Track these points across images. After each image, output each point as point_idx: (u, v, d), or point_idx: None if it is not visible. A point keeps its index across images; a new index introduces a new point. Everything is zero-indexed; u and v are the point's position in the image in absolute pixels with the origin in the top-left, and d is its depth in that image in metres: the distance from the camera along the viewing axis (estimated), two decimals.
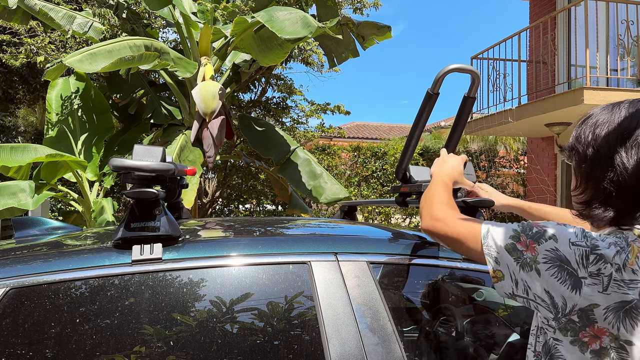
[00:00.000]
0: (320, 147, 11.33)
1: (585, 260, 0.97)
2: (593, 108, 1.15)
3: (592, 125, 1.09)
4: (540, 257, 1.00)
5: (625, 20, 6.67)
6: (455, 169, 1.47)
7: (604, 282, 0.96)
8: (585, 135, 1.09)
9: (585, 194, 1.09)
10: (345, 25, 5.59)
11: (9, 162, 4.39)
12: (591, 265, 0.96)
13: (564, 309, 0.99)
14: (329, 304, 1.31)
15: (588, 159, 1.08)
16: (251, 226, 1.75)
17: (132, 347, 1.23)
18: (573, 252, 0.98)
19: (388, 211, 11.39)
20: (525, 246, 1.02)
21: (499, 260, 1.06)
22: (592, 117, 1.11)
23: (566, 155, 1.16)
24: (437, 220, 1.22)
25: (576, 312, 0.98)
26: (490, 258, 1.07)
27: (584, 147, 1.09)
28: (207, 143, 4.88)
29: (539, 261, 1.00)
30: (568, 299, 0.98)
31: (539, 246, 1.01)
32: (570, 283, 0.97)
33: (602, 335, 0.97)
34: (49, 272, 1.25)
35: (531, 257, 1.01)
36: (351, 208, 2.24)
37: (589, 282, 0.96)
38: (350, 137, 16.62)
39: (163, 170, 1.35)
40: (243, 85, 7.18)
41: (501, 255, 1.05)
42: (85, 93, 5.51)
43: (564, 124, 7.37)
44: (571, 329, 0.99)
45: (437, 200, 1.29)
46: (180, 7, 5.12)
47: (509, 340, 1.66)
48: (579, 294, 0.97)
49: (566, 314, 0.99)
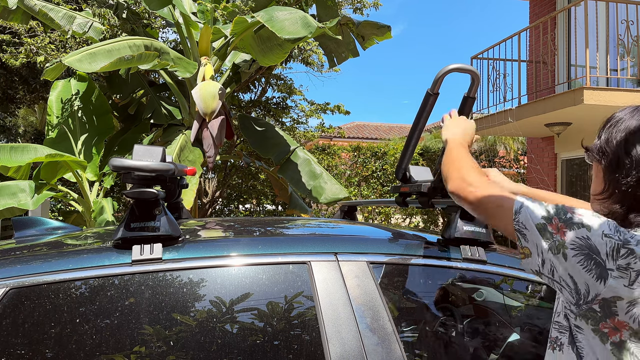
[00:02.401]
0: (320, 147, 11.32)
1: (615, 253, 0.97)
2: (619, 111, 1.13)
3: (624, 130, 1.08)
4: (569, 242, 1.01)
5: (625, 20, 6.67)
6: (469, 133, 1.44)
7: (631, 276, 0.96)
8: (618, 140, 1.08)
9: (613, 199, 1.08)
10: (345, 25, 5.59)
11: (9, 162, 4.39)
12: (621, 259, 0.97)
13: (586, 297, 1.00)
14: (329, 304, 1.31)
15: (621, 165, 1.06)
16: (251, 226, 1.75)
17: (132, 347, 1.23)
18: (605, 243, 0.98)
19: (388, 211, 11.39)
20: (556, 229, 1.03)
21: (528, 238, 1.06)
22: (622, 121, 1.10)
23: (593, 157, 1.14)
24: (468, 184, 1.20)
25: (598, 302, 0.99)
26: (519, 234, 1.08)
27: (617, 151, 1.08)
28: (207, 143, 4.88)
29: (567, 246, 1.01)
30: (592, 287, 0.98)
31: (570, 231, 1.01)
32: (596, 273, 0.98)
33: (622, 328, 0.98)
34: (49, 272, 1.25)
35: (560, 241, 1.02)
36: (351, 208, 2.24)
37: (615, 274, 0.97)
38: (350, 137, 16.62)
39: (163, 170, 1.35)
40: (243, 85, 7.18)
41: (531, 233, 1.06)
42: (86, 94, 5.51)
43: (564, 124, 7.37)
44: (592, 317, 1.00)
45: (466, 164, 1.26)
46: (180, 7, 5.12)
47: (509, 340, 1.66)
48: (604, 284, 0.97)
49: (588, 301, 1.00)
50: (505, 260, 1.54)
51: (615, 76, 7.14)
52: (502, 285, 1.66)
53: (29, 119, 12.42)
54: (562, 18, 8.14)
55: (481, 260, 1.50)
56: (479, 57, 8.38)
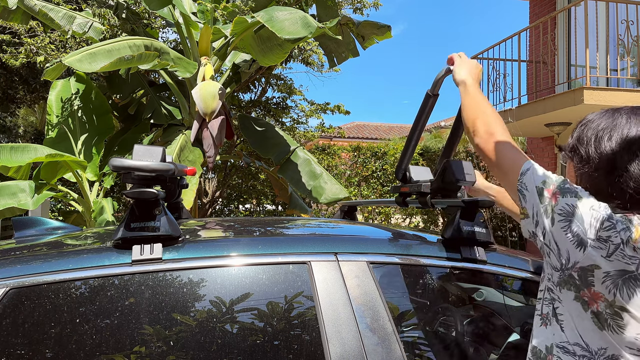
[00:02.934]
0: (320, 147, 11.32)
1: (599, 224, 1.03)
2: (590, 113, 1.21)
3: (594, 129, 1.16)
4: (558, 207, 1.08)
5: (625, 20, 6.67)
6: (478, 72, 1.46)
7: (609, 248, 1.02)
8: (588, 137, 1.16)
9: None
10: (345, 25, 5.59)
11: (9, 162, 4.39)
12: (603, 230, 1.03)
13: (566, 263, 1.06)
14: (329, 304, 1.31)
15: (591, 161, 1.13)
16: (251, 226, 1.75)
17: (132, 347, 1.23)
18: (591, 214, 1.04)
19: (388, 211, 11.39)
20: (551, 194, 1.10)
21: (527, 199, 1.14)
22: (593, 121, 1.18)
23: (565, 155, 1.22)
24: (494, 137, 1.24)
25: (577, 270, 1.05)
26: (521, 195, 1.15)
27: (586, 148, 1.15)
28: (207, 143, 4.88)
29: (555, 211, 1.08)
30: (572, 254, 1.05)
31: (561, 198, 1.08)
32: (577, 240, 1.04)
33: (597, 299, 1.04)
34: (49, 272, 1.25)
35: (552, 205, 1.09)
36: (351, 208, 2.24)
37: (594, 244, 1.03)
38: (350, 137, 16.62)
39: (163, 170, 1.34)
40: (243, 85, 7.18)
41: (530, 194, 1.13)
42: (86, 94, 5.51)
43: (564, 124, 7.37)
44: (573, 284, 1.06)
45: (490, 112, 1.30)
46: (180, 7, 5.12)
47: (509, 340, 1.66)
48: (583, 252, 1.04)
49: (568, 267, 1.06)
50: (505, 260, 1.54)
51: (615, 76, 7.14)
52: (502, 285, 1.66)
53: (29, 119, 12.43)
54: (562, 18, 8.14)
55: (481, 260, 1.50)
56: (479, 57, 8.38)
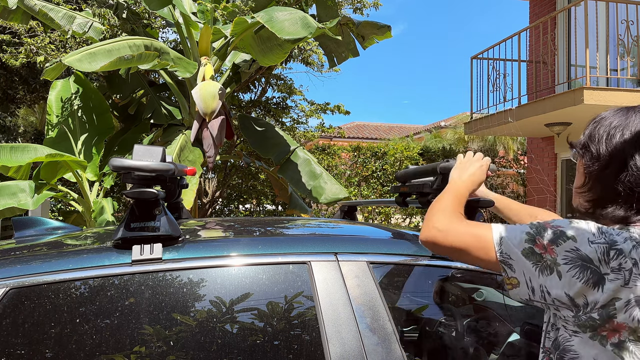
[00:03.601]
0: (320, 147, 11.32)
1: (606, 257, 0.98)
2: (605, 111, 1.17)
3: (607, 127, 1.12)
4: (560, 258, 1.00)
5: (625, 20, 6.67)
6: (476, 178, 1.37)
7: (625, 276, 0.97)
8: (600, 135, 1.12)
9: (593, 192, 1.12)
10: (345, 25, 5.59)
11: (9, 162, 4.39)
12: (612, 261, 0.98)
13: (585, 307, 0.99)
14: (329, 304, 1.31)
15: (601, 159, 1.10)
16: (251, 226, 1.75)
17: (132, 347, 1.23)
18: (594, 249, 0.98)
19: (388, 211, 11.39)
20: (542, 248, 1.02)
21: (515, 267, 1.05)
22: (606, 119, 1.14)
23: (577, 152, 1.17)
24: (438, 230, 1.15)
25: (597, 310, 0.99)
26: (505, 265, 1.06)
27: (597, 146, 1.11)
28: (207, 143, 4.88)
29: (559, 263, 1.00)
30: (589, 297, 0.98)
31: (557, 247, 1.01)
32: (593, 281, 0.98)
33: (620, 329, 0.98)
34: (49, 272, 1.25)
35: (551, 259, 1.01)
36: (351, 208, 2.24)
37: (611, 277, 0.97)
38: (350, 137, 16.61)
39: (163, 170, 1.34)
40: (243, 85, 7.18)
41: (517, 262, 1.04)
42: (85, 94, 5.51)
43: (564, 124, 7.37)
44: (590, 326, 1.00)
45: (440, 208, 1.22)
46: (180, 7, 5.12)
47: (509, 340, 1.66)
48: (602, 291, 0.98)
49: (587, 311, 0.99)
50: None
51: (615, 76, 7.14)
52: (502, 285, 1.66)
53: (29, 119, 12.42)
54: (562, 18, 8.14)
55: None
56: (479, 57, 8.38)
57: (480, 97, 8.35)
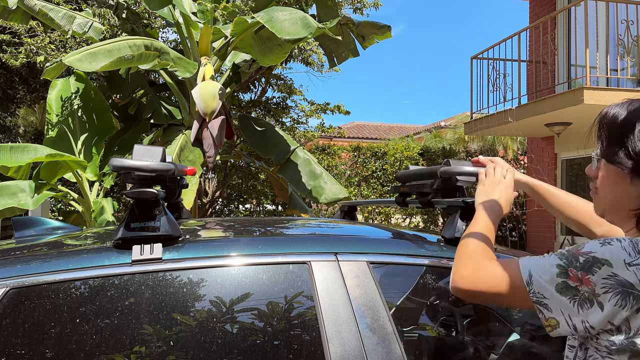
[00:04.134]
0: (320, 147, 11.33)
1: None
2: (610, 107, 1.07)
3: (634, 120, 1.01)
4: (598, 288, 0.92)
5: (625, 20, 6.67)
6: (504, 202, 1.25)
7: None
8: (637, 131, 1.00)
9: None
10: (345, 25, 5.59)
11: (9, 162, 4.39)
12: None
13: (627, 332, 0.93)
14: (329, 304, 1.31)
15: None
16: (251, 226, 1.75)
17: (132, 347, 1.23)
18: (633, 273, 0.91)
19: (388, 211, 11.39)
20: (577, 280, 0.93)
21: (551, 307, 0.96)
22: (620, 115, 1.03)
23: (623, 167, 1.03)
24: (464, 278, 1.06)
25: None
26: (540, 306, 0.97)
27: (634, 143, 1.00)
28: (207, 143, 4.88)
29: (598, 293, 0.92)
30: (632, 323, 0.92)
31: (593, 276, 0.92)
32: (636, 306, 0.91)
33: None
34: (49, 272, 1.25)
35: (588, 290, 0.93)
36: (351, 208, 2.24)
37: None
38: (350, 137, 16.62)
39: (163, 170, 1.34)
40: (243, 85, 7.18)
41: (553, 300, 0.95)
42: (85, 93, 5.51)
43: (564, 124, 7.37)
44: (630, 350, 0.93)
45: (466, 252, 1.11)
46: (180, 7, 5.12)
47: (508, 340, 1.66)
48: None
49: (630, 336, 0.93)
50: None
51: (615, 76, 7.14)
52: None
53: (29, 119, 12.43)
54: (562, 18, 8.14)
55: None
56: (479, 57, 8.38)
57: (480, 97, 8.36)
